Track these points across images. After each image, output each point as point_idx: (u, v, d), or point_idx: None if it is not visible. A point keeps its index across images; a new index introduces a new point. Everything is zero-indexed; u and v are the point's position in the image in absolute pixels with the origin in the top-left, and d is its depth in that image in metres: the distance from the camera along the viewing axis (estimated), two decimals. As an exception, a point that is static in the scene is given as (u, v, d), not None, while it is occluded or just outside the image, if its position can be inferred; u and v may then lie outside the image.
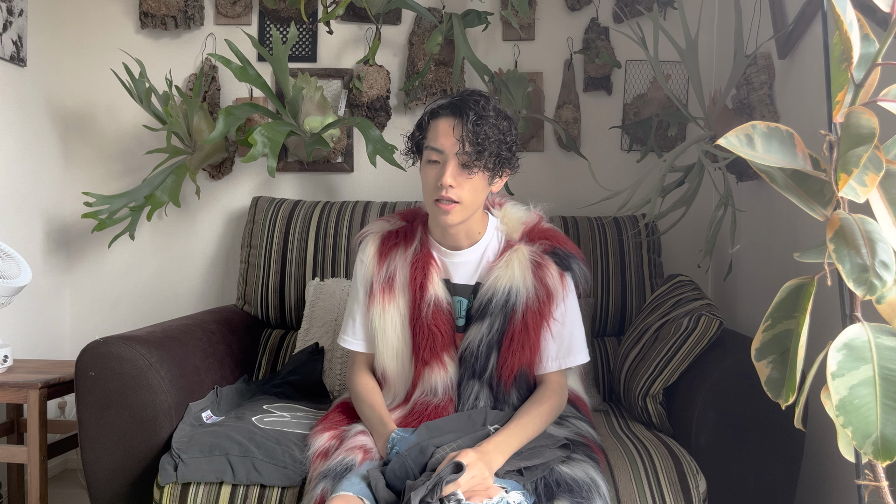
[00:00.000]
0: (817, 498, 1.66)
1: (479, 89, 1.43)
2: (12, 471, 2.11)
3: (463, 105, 1.34)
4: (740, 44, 1.92)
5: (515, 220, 1.48)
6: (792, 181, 1.06)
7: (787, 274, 1.13)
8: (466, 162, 1.32)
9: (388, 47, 2.47)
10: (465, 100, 1.35)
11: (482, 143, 1.31)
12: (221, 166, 2.47)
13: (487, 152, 1.32)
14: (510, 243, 1.45)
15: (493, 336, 1.39)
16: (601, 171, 2.30)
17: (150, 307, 2.50)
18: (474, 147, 1.31)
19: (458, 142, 1.31)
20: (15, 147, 2.27)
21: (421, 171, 1.39)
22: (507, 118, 1.38)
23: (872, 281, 0.94)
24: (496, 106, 1.37)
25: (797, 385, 1.00)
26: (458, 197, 1.33)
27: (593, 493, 1.24)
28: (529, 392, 1.43)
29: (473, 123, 1.31)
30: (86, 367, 1.53)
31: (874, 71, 1.03)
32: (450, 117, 1.34)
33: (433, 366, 1.40)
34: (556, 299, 1.40)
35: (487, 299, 1.39)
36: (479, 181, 1.35)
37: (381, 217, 1.58)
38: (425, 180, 1.37)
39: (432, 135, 1.36)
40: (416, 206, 1.57)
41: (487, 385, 1.40)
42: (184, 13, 2.44)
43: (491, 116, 1.33)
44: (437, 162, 1.35)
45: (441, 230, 1.43)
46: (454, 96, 1.38)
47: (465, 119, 1.31)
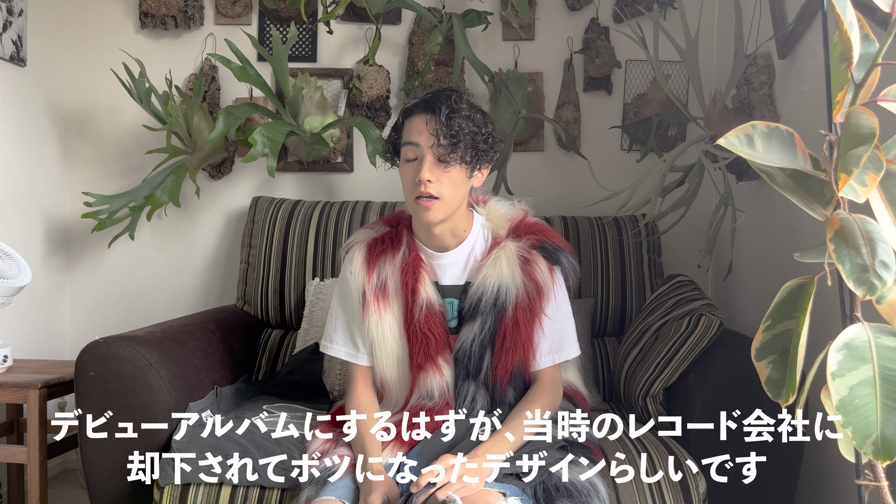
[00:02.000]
0: (817, 498, 1.66)
1: (451, 86, 1.43)
2: (12, 471, 2.11)
3: (434, 100, 1.34)
4: (740, 44, 1.92)
5: (500, 217, 1.48)
6: (792, 181, 1.06)
7: (787, 274, 1.13)
8: (442, 155, 1.32)
9: (388, 47, 2.47)
10: (436, 95, 1.35)
11: (456, 135, 1.31)
12: (221, 166, 2.47)
13: (462, 144, 1.32)
14: (497, 240, 1.44)
15: (485, 335, 1.38)
16: (601, 171, 2.29)
17: (150, 307, 2.50)
18: (449, 140, 1.31)
19: (433, 135, 1.31)
20: (15, 147, 2.27)
21: (400, 171, 1.40)
22: (480, 111, 1.38)
23: (872, 281, 0.94)
24: (469, 100, 1.37)
25: (797, 385, 1.00)
26: (437, 192, 1.32)
27: (592, 497, 1.23)
28: (527, 390, 1.43)
29: (446, 116, 1.31)
30: (86, 367, 1.53)
31: (874, 71, 1.03)
32: (423, 113, 1.34)
33: (428, 370, 1.39)
34: (546, 295, 1.40)
35: (477, 299, 1.39)
36: (458, 175, 1.34)
37: (363, 226, 1.56)
38: (404, 179, 1.37)
39: (407, 132, 1.36)
40: (398, 210, 1.56)
41: (483, 385, 1.40)
42: (184, 13, 2.44)
43: (464, 109, 1.33)
44: (414, 159, 1.35)
45: (426, 231, 1.42)
46: (426, 94, 1.38)
47: (437, 113, 1.32)
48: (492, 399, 1.40)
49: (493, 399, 1.40)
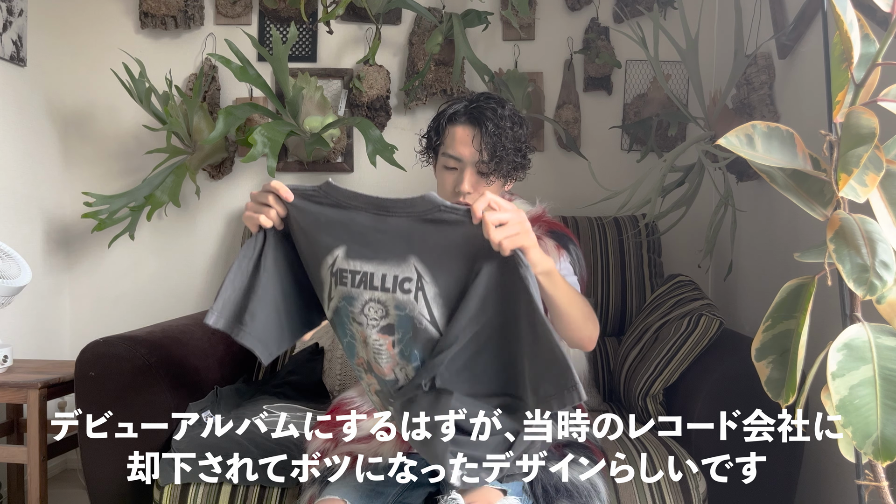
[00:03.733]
0: (817, 498, 1.66)
1: (492, 93, 1.43)
2: (12, 471, 2.11)
3: (480, 114, 1.33)
4: (740, 44, 1.92)
5: None
6: (792, 181, 1.06)
7: (787, 274, 1.13)
8: (484, 171, 1.32)
9: (388, 47, 2.47)
10: (481, 108, 1.34)
11: (500, 155, 1.31)
12: (221, 166, 2.47)
13: (505, 162, 1.33)
14: None
15: None
16: (601, 171, 2.29)
17: (150, 307, 2.50)
18: (492, 158, 1.31)
19: (477, 151, 1.31)
20: (15, 147, 2.27)
21: (437, 173, 1.40)
22: (521, 124, 1.38)
23: (873, 281, 0.94)
24: (511, 111, 1.37)
25: (797, 385, 1.00)
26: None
27: (593, 497, 1.23)
28: None
29: (492, 134, 1.31)
30: (86, 367, 1.53)
31: (874, 71, 1.03)
32: (468, 126, 1.33)
33: None
34: None
35: None
36: (496, 187, 1.36)
37: None
38: (442, 184, 1.38)
39: (449, 141, 1.36)
40: None
41: None
42: (184, 13, 2.44)
43: (508, 126, 1.33)
44: (454, 168, 1.35)
45: None
46: (470, 101, 1.37)
47: (483, 129, 1.31)
48: None
49: None
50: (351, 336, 1.11)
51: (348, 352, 1.14)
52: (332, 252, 1.06)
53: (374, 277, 1.04)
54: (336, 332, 1.13)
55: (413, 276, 1.03)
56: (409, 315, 1.04)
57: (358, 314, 1.06)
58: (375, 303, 1.05)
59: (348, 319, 1.08)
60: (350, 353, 1.14)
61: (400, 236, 1.03)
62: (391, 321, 1.05)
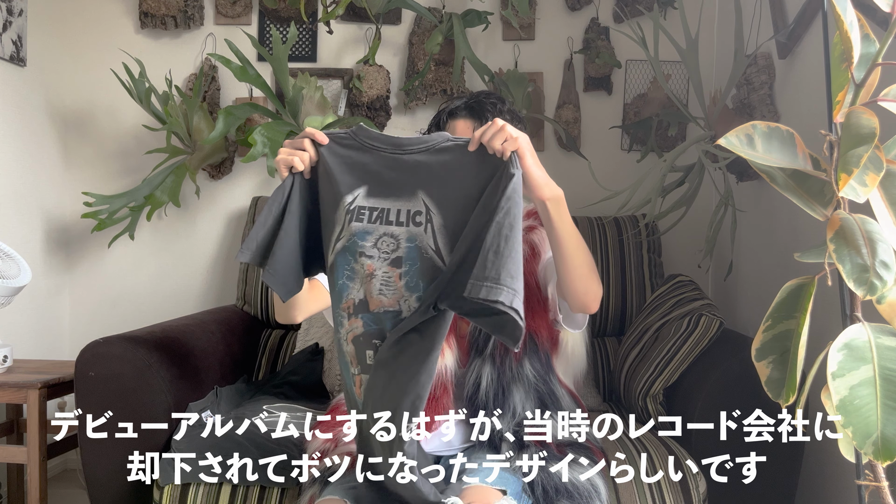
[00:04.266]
0: (817, 498, 1.66)
1: (492, 91, 1.44)
2: (12, 471, 2.11)
3: (480, 108, 1.35)
4: (740, 44, 1.92)
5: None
6: (792, 181, 1.06)
7: (787, 274, 1.13)
8: None
9: (388, 47, 2.47)
10: (481, 102, 1.36)
11: None
12: (221, 166, 2.47)
13: None
14: None
15: None
16: (601, 171, 2.29)
17: (150, 307, 2.50)
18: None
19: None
20: (15, 147, 2.27)
21: None
22: (520, 120, 1.40)
23: (873, 281, 0.94)
24: (510, 108, 1.39)
25: (797, 385, 1.00)
26: None
27: (593, 497, 1.23)
28: (545, 368, 1.37)
29: None
30: (86, 367, 1.53)
31: (874, 71, 1.03)
32: (469, 119, 1.35)
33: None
34: (539, 255, 1.38)
35: None
36: None
37: None
38: None
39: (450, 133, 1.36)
40: None
41: (490, 360, 1.34)
42: (184, 13, 2.44)
43: (508, 120, 1.34)
44: None
45: None
46: (470, 98, 1.39)
47: (484, 122, 1.32)
48: (498, 375, 1.36)
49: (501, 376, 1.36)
50: (348, 276, 1.15)
51: (338, 296, 1.16)
52: (354, 191, 1.14)
53: (389, 213, 1.12)
54: (332, 276, 1.17)
55: (423, 210, 1.11)
56: (418, 246, 1.11)
57: (370, 248, 1.12)
58: (389, 237, 1.12)
59: (354, 256, 1.13)
60: (339, 297, 1.16)
61: (410, 172, 1.12)
62: (400, 254, 1.12)
